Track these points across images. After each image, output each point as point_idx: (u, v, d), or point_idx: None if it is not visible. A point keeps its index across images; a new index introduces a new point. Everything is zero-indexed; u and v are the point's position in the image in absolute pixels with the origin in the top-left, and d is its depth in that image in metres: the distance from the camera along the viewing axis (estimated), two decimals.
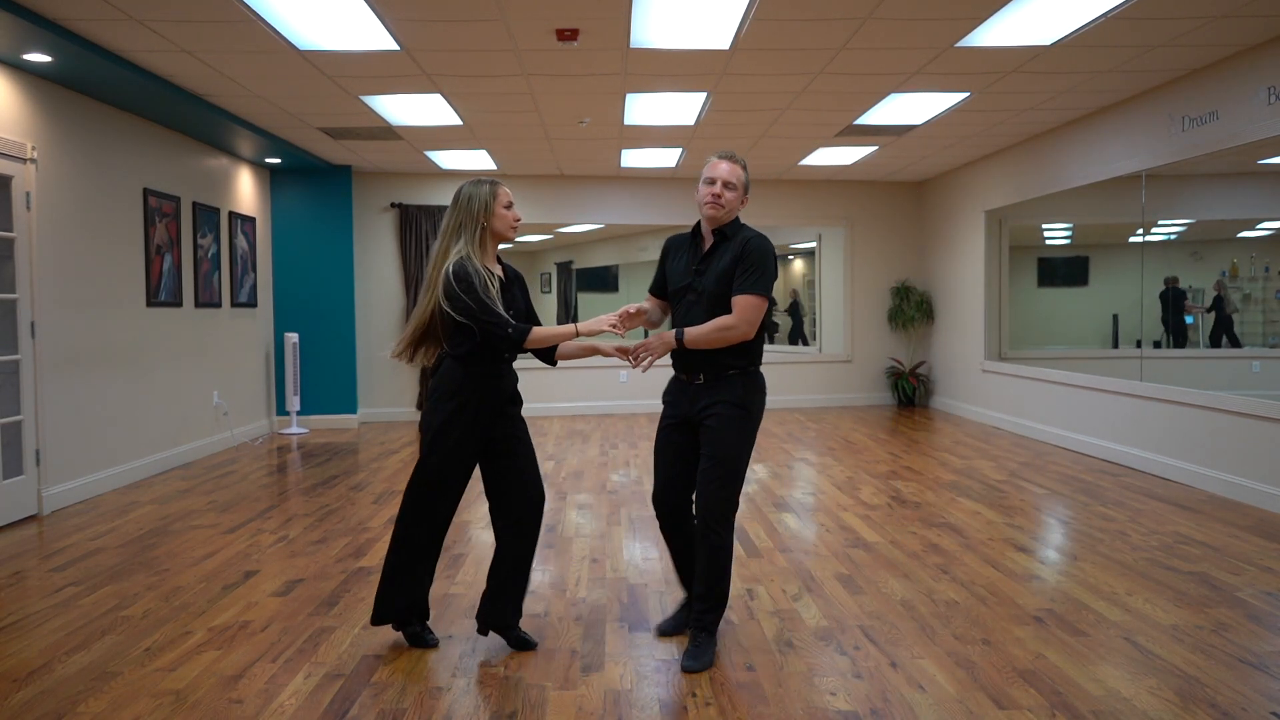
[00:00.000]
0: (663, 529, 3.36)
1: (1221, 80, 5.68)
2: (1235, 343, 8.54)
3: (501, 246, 3.28)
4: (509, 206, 3.20)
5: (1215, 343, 8.66)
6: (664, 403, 3.35)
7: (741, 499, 5.56)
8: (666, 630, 3.41)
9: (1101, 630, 3.39)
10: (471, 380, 3.13)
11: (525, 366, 3.53)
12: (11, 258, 5.26)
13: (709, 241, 3.24)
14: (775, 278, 3.20)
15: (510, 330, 3.05)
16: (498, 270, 3.21)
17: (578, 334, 3.16)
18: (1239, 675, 2.99)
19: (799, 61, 5.65)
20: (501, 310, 3.06)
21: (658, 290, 3.43)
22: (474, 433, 3.15)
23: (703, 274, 3.19)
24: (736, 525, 5.10)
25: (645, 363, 3.14)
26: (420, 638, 3.30)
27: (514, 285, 3.27)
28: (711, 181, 3.17)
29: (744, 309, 3.07)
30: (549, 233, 14.39)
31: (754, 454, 7.29)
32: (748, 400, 3.16)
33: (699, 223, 3.29)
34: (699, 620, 3.16)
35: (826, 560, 4.37)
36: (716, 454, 3.11)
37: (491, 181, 3.20)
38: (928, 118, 7.21)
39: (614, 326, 3.10)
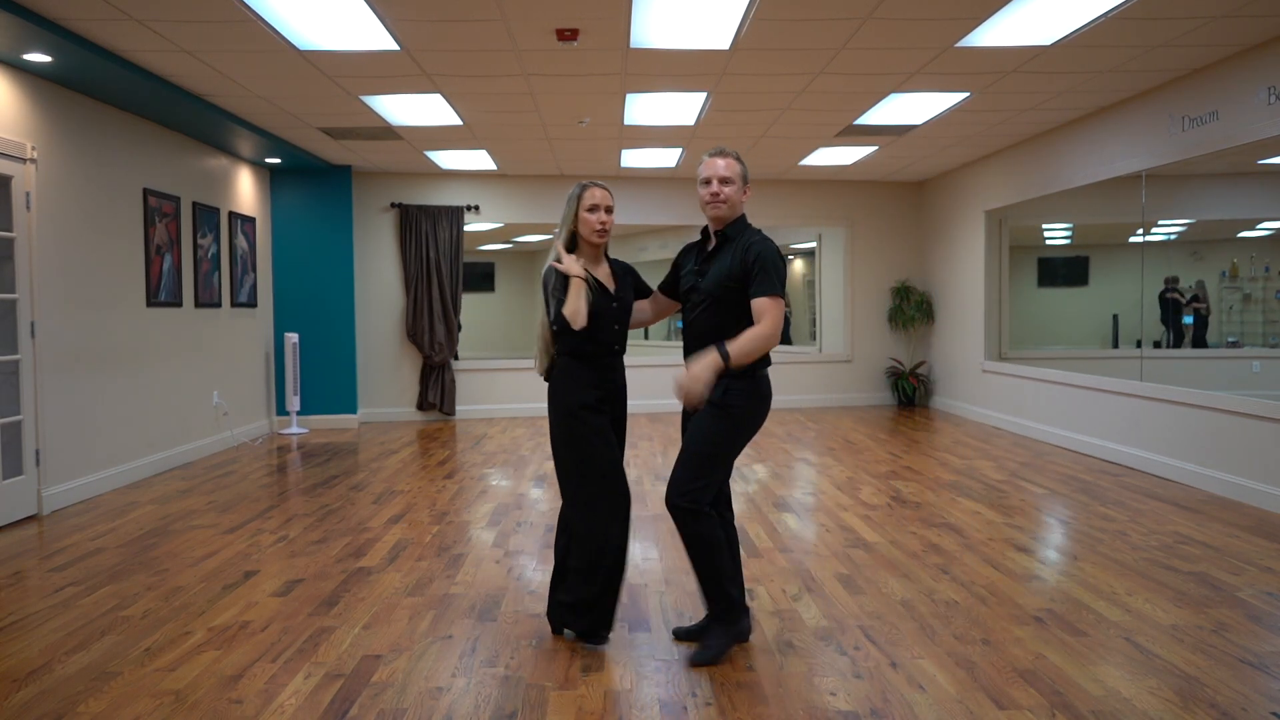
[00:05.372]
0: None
1: (1221, 80, 5.68)
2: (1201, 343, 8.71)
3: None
4: (592, 210, 3.21)
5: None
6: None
7: (742, 499, 5.62)
8: (680, 634, 3.37)
9: (1101, 630, 3.39)
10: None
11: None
12: (11, 258, 5.26)
13: (713, 243, 3.22)
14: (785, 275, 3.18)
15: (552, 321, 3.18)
16: (599, 270, 3.25)
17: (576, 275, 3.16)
18: (1239, 675, 2.99)
19: (799, 61, 5.65)
20: (552, 307, 3.14)
21: (666, 289, 3.42)
22: None
23: (704, 275, 3.17)
24: (737, 525, 5.09)
25: (699, 402, 3.02)
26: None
27: (624, 278, 3.34)
28: (708, 181, 3.16)
29: (768, 311, 3.02)
30: (549, 233, 14.40)
31: (754, 454, 7.38)
32: (729, 402, 3.06)
33: (706, 225, 3.27)
34: (707, 608, 3.22)
35: (826, 560, 4.37)
36: (685, 444, 3.16)
37: (583, 185, 3.23)
38: (928, 118, 7.21)
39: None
